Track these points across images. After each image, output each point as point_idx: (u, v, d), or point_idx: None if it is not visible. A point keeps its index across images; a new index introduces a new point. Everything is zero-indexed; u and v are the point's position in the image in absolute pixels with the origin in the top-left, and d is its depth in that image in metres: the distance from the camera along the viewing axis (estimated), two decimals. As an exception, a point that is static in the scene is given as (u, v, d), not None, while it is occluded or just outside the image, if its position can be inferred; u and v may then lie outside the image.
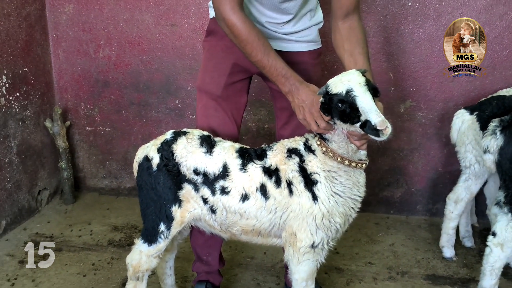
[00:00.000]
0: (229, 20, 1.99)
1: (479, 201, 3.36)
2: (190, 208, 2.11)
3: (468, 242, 3.18)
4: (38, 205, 3.69)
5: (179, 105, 3.69)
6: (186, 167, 2.05)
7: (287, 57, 2.14)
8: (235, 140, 2.22)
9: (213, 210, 2.07)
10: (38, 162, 3.66)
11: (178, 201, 2.10)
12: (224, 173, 2.02)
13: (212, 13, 2.30)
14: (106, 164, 3.96)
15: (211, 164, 2.04)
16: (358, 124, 1.77)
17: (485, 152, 2.60)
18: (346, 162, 1.93)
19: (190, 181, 2.06)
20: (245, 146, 2.12)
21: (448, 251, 3.04)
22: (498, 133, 2.49)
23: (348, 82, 1.80)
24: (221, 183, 2.02)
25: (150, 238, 2.17)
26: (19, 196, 3.46)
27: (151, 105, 3.73)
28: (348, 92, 1.77)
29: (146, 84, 3.71)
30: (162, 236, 2.14)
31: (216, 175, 2.03)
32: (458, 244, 3.15)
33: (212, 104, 2.32)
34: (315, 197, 1.95)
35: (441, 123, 3.39)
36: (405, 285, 2.77)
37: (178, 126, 3.71)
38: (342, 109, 1.79)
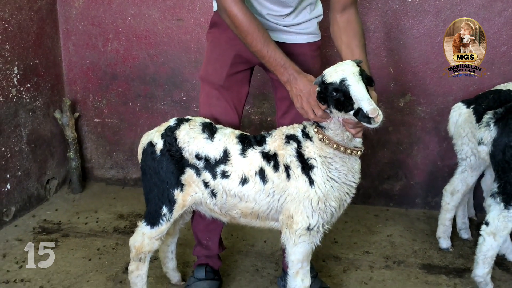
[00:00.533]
0: (230, 11, 2.08)
1: (477, 195, 3.42)
2: (191, 192, 2.20)
3: (465, 234, 3.24)
4: (46, 193, 3.81)
5: (184, 98, 3.79)
6: (189, 152, 2.15)
7: (287, 49, 2.24)
8: (236, 129, 2.31)
9: (213, 194, 2.16)
10: (47, 152, 3.78)
11: (180, 185, 2.19)
12: (225, 158, 2.11)
13: (215, 6, 2.40)
14: (113, 155, 4.06)
15: (212, 149, 2.13)
16: (351, 112, 1.85)
17: (479, 143, 2.66)
18: (342, 149, 2.01)
19: (192, 166, 2.15)
20: (245, 133, 2.21)
21: (444, 242, 3.11)
22: (492, 125, 2.55)
23: (342, 71, 1.88)
24: (221, 167, 2.11)
25: (153, 220, 2.26)
26: (28, 184, 3.57)
27: (157, 97, 3.83)
28: (342, 81, 1.86)
29: (152, 77, 3.81)
30: (164, 218, 2.24)
31: (217, 160, 2.12)
32: (455, 235, 3.21)
33: (214, 94, 2.41)
34: (311, 181, 2.03)
35: (440, 117, 3.45)
36: (400, 274, 2.84)
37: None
38: (337, 97, 1.88)
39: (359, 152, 2.05)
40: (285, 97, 2.49)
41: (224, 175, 2.11)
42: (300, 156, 2.06)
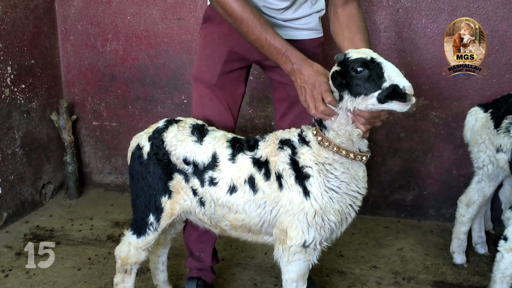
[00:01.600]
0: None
1: (495, 207, 3.20)
2: (180, 199, 2.03)
3: (481, 249, 3.01)
4: (42, 198, 3.67)
5: (185, 101, 3.63)
6: (176, 156, 1.98)
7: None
8: (231, 131, 2.13)
9: (202, 203, 1.98)
10: (43, 156, 3.64)
11: (168, 192, 2.02)
12: (213, 163, 1.93)
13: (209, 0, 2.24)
14: (112, 159, 3.92)
15: (200, 153, 1.95)
16: (377, 93, 1.65)
17: (498, 151, 2.47)
18: (343, 152, 1.81)
19: (181, 171, 1.98)
20: (238, 136, 2.03)
21: (459, 257, 2.88)
22: (512, 131, 2.34)
23: (369, 52, 1.74)
24: (210, 173, 1.94)
25: (139, 229, 2.10)
26: (22, 188, 3.44)
27: (157, 100, 3.68)
28: (373, 58, 1.69)
29: (152, 79, 3.66)
30: (151, 228, 2.07)
31: (205, 165, 1.94)
32: (470, 250, 2.99)
33: (207, 93, 2.24)
34: (306, 192, 1.83)
35: (455, 123, 3.23)
36: (410, 291, 2.63)
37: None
38: (361, 75, 1.68)
39: (364, 158, 1.84)
40: (284, 98, 2.32)
41: (212, 182, 1.93)
42: (294, 164, 1.86)
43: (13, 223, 3.36)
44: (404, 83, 1.62)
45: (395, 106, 1.65)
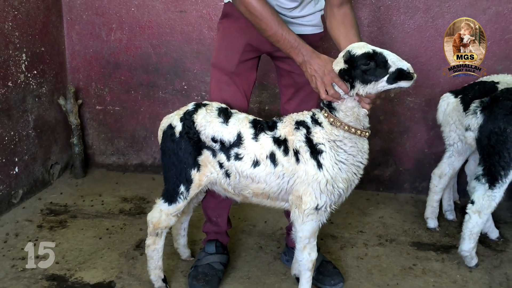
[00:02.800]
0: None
1: (461, 181, 3.68)
2: (207, 172, 2.36)
3: (450, 215, 3.49)
4: (50, 178, 3.92)
5: (185, 87, 3.95)
6: (205, 135, 2.31)
7: None
8: (244, 113, 2.49)
9: (227, 174, 2.33)
10: (51, 138, 3.89)
11: (197, 166, 2.35)
12: (238, 141, 2.28)
13: None
14: (115, 141, 4.19)
15: (227, 133, 2.29)
16: (385, 78, 2.05)
17: (466, 130, 2.90)
18: (352, 130, 2.18)
19: (209, 148, 2.32)
20: (258, 118, 2.38)
21: (432, 222, 3.35)
22: (479, 113, 2.79)
23: (367, 45, 2.11)
24: (235, 150, 2.28)
25: (171, 198, 2.42)
26: (34, 168, 3.69)
27: (159, 86, 3.98)
28: (374, 50, 2.07)
29: (155, 67, 3.95)
30: (181, 196, 2.40)
31: (231, 143, 2.28)
32: (441, 217, 3.46)
33: (225, 79, 2.58)
34: (320, 165, 2.19)
35: (428, 108, 3.69)
36: (393, 250, 3.07)
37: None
38: (369, 67, 2.06)
39: (367, 133, 2.23)
40: (291, 84, 2.69)
41: (238, 157, 2.27)
42: (309, 142, 2.22)
43: (28, 200, 3.61)
44: (406, 65, 2.03)
45: (403, 84, 2.06)
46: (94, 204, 3.61)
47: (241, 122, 2.31)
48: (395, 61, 2.04)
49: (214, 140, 2.30)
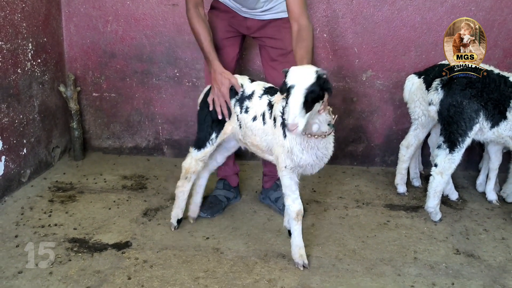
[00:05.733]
0: (187, 15, 2.93)
1: (424, 153, 4.19)
2: (233, 123, 2.88)
3: (416, 182, 4.00)
4: (52, 160, 4.21)
5: (177, 74, 4.31)
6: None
7: (264, 23, 3.12)
8: None
9: (240, 126, 2.84)
10: (52, 122, 4.17)
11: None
12: (250, 96, 2.80)
13: None
14: (110, 126, 4.50)
15: (249, 88, 2.84)
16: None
17: (429, 104, 3.39)
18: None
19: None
20: (275, 87, 2.86)
21: (401, 188, 3.84)
22: (439, 89, 3.29)
23: (295, 79, 2.28)
24: (247, 102, 2.80)
25: (201, 144, 2.95)
26: (39, 150, 3.97)
27: (153, 73, 4.32)
28: (290, 88, 2.28)
29: (149, 56, 4.29)
30: (210, 142, 2.93)
31: (247, 95, 2.82)
32: (408, 185, 3.96)
33: None
34: (285, 136, 2.58)
35: (395, 89, 4.18)
36: (369, 211, 3.54)
37: (176, 92, 4.33)
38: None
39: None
40: (270, 57, 3.26)
41: (246, 110, 2.79)
42: (283, 114, 2.54)
43: (35, 179, 3.89)
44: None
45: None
46: (97, 182, 3.93)
47: (258, 84, 2.85)
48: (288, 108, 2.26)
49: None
